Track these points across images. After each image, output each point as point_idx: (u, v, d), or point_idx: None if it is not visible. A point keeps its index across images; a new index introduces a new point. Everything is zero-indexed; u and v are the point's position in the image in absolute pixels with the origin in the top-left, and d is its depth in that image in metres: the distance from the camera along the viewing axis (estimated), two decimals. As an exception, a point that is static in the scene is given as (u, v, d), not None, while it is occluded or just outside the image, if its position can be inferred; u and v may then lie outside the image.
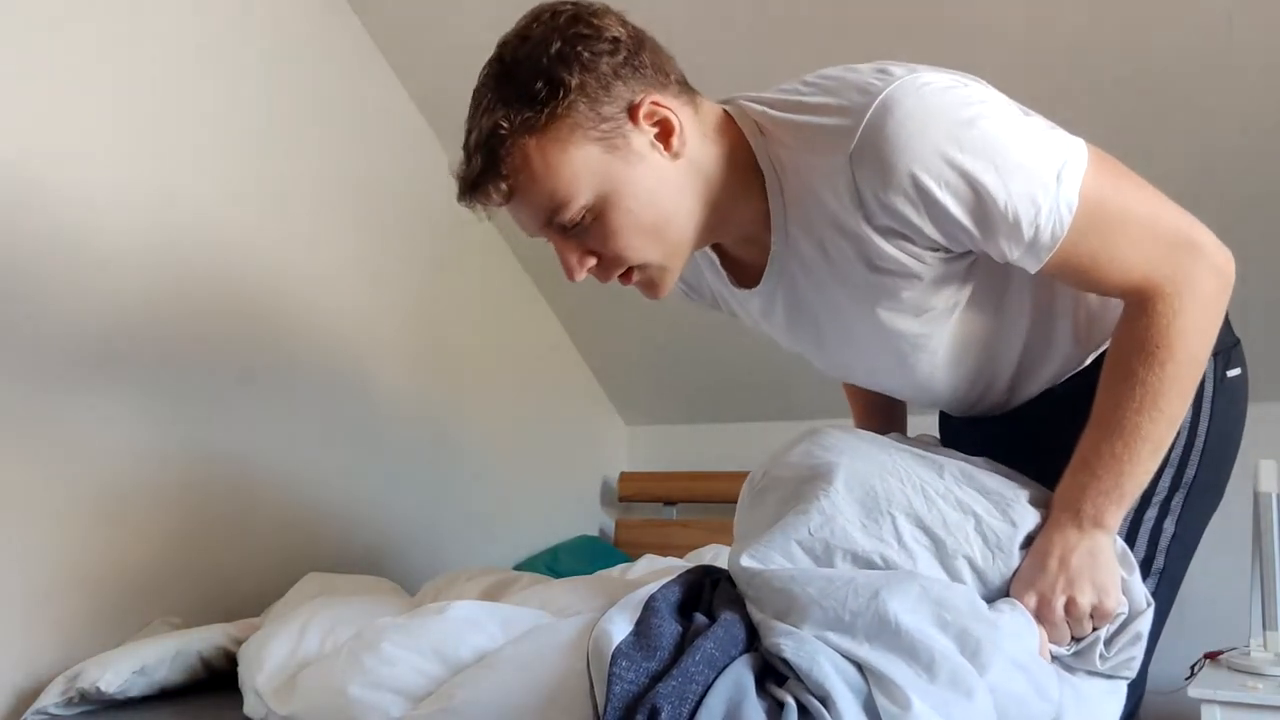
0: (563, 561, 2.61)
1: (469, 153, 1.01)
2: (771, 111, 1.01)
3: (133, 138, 1.85)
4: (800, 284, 1.08)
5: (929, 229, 0.96)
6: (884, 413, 1.45)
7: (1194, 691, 1.81)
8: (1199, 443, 1.09)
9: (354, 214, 2.32)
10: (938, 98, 0.92)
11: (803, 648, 0.92)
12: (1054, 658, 1.01)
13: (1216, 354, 1.05)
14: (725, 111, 1.05)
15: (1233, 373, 1.12)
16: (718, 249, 1.16)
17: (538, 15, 0.99)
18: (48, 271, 1.69)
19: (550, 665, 1.04)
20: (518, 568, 2.50)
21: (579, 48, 0.95)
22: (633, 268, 1.04)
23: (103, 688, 1.46)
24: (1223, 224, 1.03)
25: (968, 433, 1.27)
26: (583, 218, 0.99)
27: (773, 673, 0.96)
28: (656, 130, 0.98)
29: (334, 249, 2.26)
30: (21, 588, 1.61)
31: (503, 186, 0.98)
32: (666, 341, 2.90)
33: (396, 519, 2.36)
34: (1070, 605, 0.99)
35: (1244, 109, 1.86)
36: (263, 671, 1.35)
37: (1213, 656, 2.02)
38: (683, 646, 0.98)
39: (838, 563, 1.00)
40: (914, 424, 1.45)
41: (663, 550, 2.14)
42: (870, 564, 1.00)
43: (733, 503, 3.00)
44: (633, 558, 2.12)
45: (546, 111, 0.94)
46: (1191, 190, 1.21)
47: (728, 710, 0.89)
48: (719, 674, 0.93)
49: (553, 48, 0.95)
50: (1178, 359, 0.96)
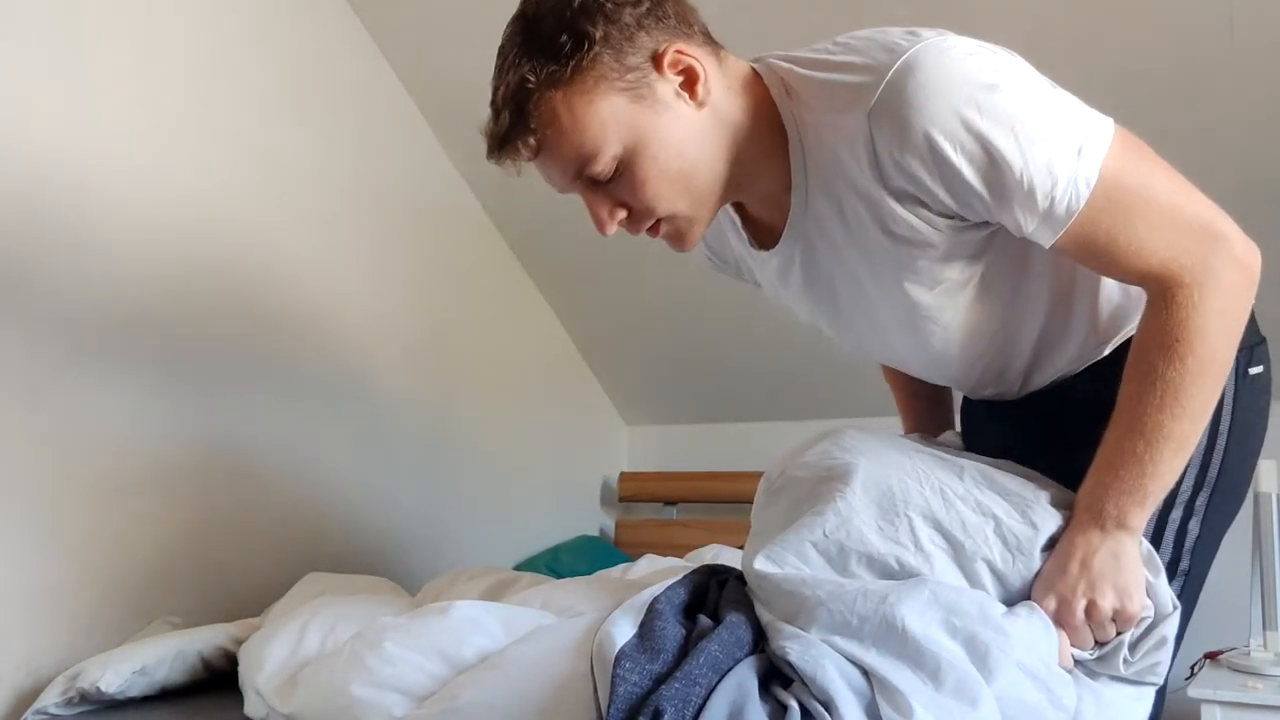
0: (563, 561, 2.61)
1: (496, 109, 0.99)
2: (799, 70, 1.01)
3: (141, 134, 1.85)
4: (817, 248, 1.08)
5: (942, 194, 0.94)
6: (928, 399, 1.42)
7: (1194, 691, 1.81)
8: (1221, 441, 1.06)
9: (354, 215, 2.32)
10: (962, 61, 0.91)
11: (808, 651, 0.92)
12: (1076, 662, 0.99)
13: (1239, 350, 1.02)
14: (753, 69, 1.04)
15: (1255, 369, 1.09)
16: (739, 209, 1.15)
17: None
18: (47, 272, 1.69)
19: (554, 667, 1.04)
20: (518, 568, 2.50)
21: None
22: (660, 219, 1.04)
23: (103, 688, 1.45)
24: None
25: (991, 425, 1.26)
26: (612, 169, 0.99)
27: (778, 674, 0.95)
28: (681, 79, 0.98)
29: (334, 250, 2.26)
30: (22, 587, 1.61)
31: (531, 141, 0.98)
32: (666, 341, 2.90)
33: (397, 519, 2.36)
34: (1091, 609, 0.97)
35: (1244, 108, 1.86)
36: (263, 671, 1.35)
37: (1213, 656, 2.02)
38: (686, 649, 0.98)
39: (852, 565, 0.99)
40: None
41: (663, 550, 2.14)
42: (885, 567, 0.99)
43: (733, 503, 3.03)
44: (633, 558, 2.11)
45: (572, 64, 0.94)
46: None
47: (730, 713, 0.89)
48: (723, 676, 0.93)
49: (576, 1, 0.95)
50: (1198, 354, 0.93)
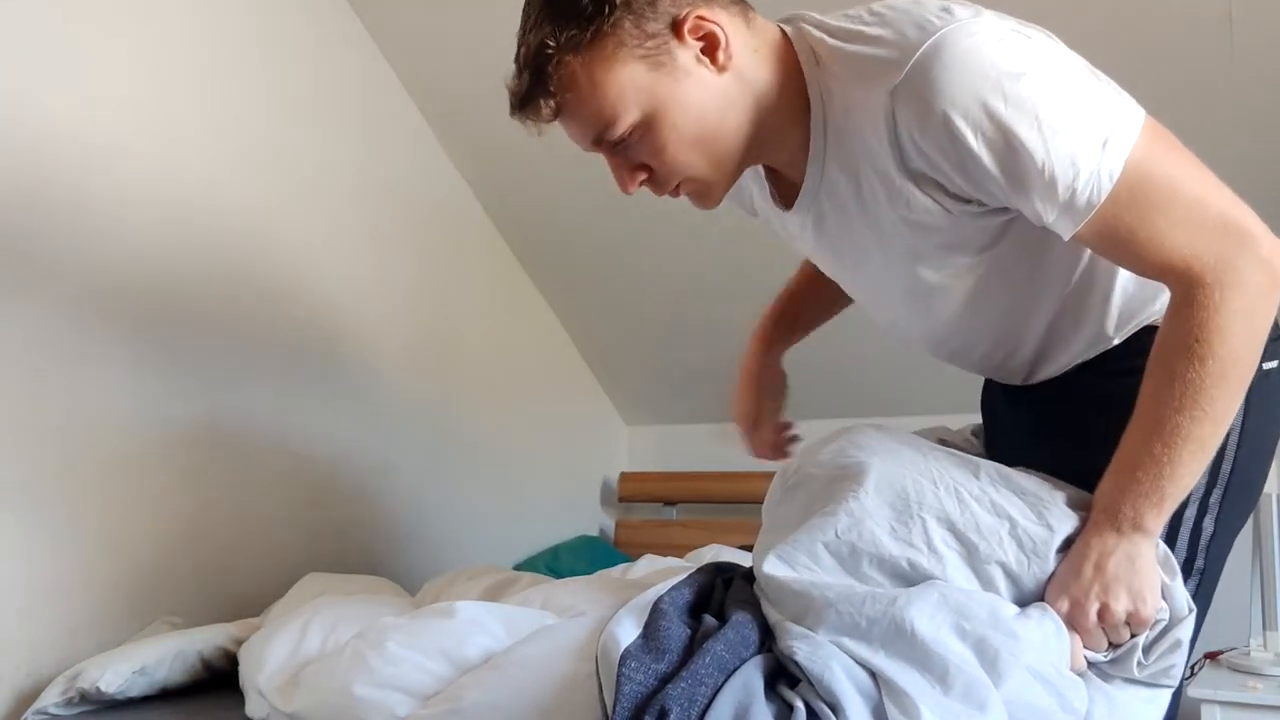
0: (563, 561, 2.60)
1: (519, 68, 1.00)
2: (830, 40, 1.00)
3: (146, 126, 1.86)
4: (828, 219, 1.07)
5: (958, 178, 0.94)
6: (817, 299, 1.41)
7: (1194, 691, 1.81)
8: (1234, 437, 1.04)
9: (354, 216, 2.32)
10: (992, 45, 0.89)
11: (817, 653, 0.92)
12: (1090, 664, 0.98)
13: None
14: (784, 34, 1.04)
15: (1269, 365, 1.07)
16: (764, 166, 1.14)
17: None
18: (49, 271, 1.69)
19: (558, 667, 1.04)
20: (518, 568, 2.49)
21: None
22: (682, 181, 1.04)
23: (103, 688, 1.45)
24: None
25: (1007, 412, 1.25)
26: (631, 134, 0.99)
27: (784, 673, 0.95)
28: (702, 45, 0.98)
29: (334, 251, 2.26)
30: (23, 587, 1.61)
31: (551, 104, 0.99)
32: (666, 342, 2.90)
33: (397, 519, 2.36)
34: (1104, 612, 0.96)
35: (1244, 108, 1.86)
36: (265, 670, 1.35)
37: (1213, 656, 2.02)
38: (691, 649, 0.98)
39: (864, 567, 0.99)
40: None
41: (663, 550, 2.14)
42: (897, 568, 0.98)
43: (733, 503, 3.02)
44: (633, 558, 2.11)
45: (592, 29, 0.95)
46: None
47: (736, 713, 0.88)
48: (729, 676, 0.92)
49: None
50: (1218, 355, 0.91)
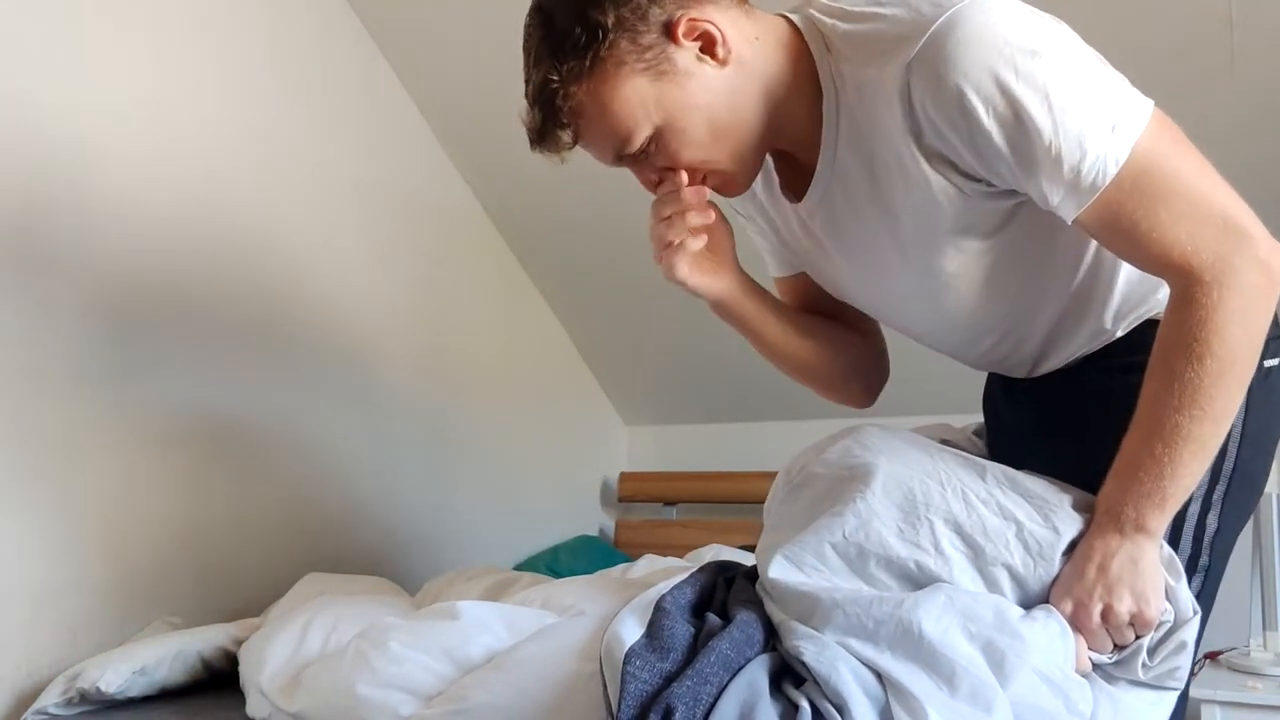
0: (563, 561, 2.60)
1: (530, 104, 1.03)
2: (841, 25, 1.01)
3: (152, 128, 1.87)
4: (838, 205, 1.08)
5: (968, 154, 0.94)
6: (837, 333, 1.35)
7: (1194, 691, 1.80)
8: (1236, 434, 1.04)
9: (354, 216, 2.32)
10: (1007, 22, 0.90)
11: (823, 653, 0.92)
12: (1095, 666, 0.98)
13: None
14: (792, 24, 1.05)
15: (1271, 363, 1.07)
16: (774, 155, 1.15)
17: None
18: (51, 270, 1.69)
19: (563, 667, 1.04)
20: (518, 568, 2.49)
21: None
22: (705, 175, 1.06)
23: (103, 688, 1.45)
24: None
25: (1008, 410, 1.26)
26: (648, 145, 1.01)
27: (789, 672, 0.95)
28: (699, 44, 0.99)
29: (334, 251, 2.26)
30: (23, 587, 1.61)
31: (568, 134, 1.02)
32: (666, 341, 2.89)
33: (396, 519, 2.36)
34: (1107, 613, 0.96)
35: (1243, 108, 1.86)
36: (266, 670, 1.35)
37: (1213, 656, 2.02)
38: (695, 647, 0.98)
39: (871, 568, 0.99)
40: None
41: (663, 550, 2.14)
42: (904, 570, 0.98)
43: (733, 503, 3.02)
44: (633, 558, 2.11)
45: (590, 56, 0.97)
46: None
47: (741, 712, 0.88)
48: (733, 675, 0.92)
49: None
50: (1216, 354, 0.91)
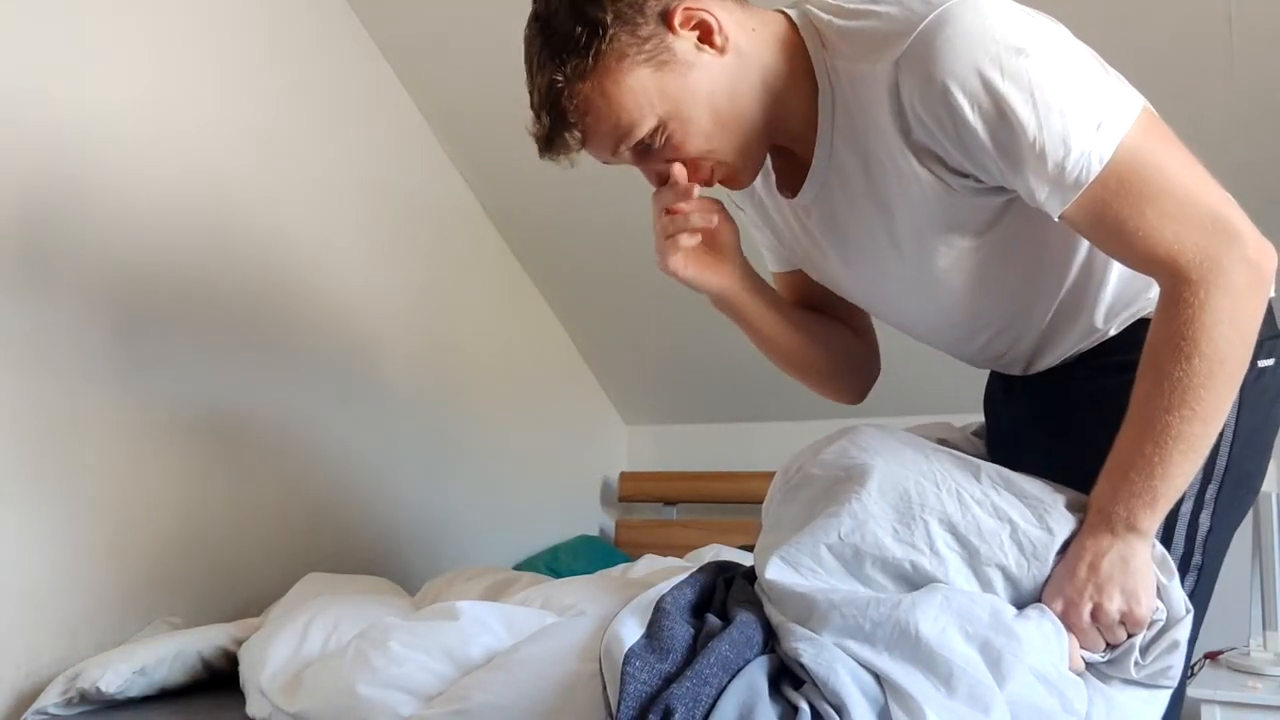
0: (563, 561, 2.60)
1: (536, 112, 1.04)
2: (836, 21, 1.02)
3: (153, 127, 1.87)
4: (836, 199, 1.09)
5: (955, 151, 0.95)
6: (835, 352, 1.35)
7: (1194, 691, 1.81)
8: (1229, 433, 1.05)
9: (354, 216, 2.32)
10: (996, 21, 0.91)
11: (821, 655, 0.92)
12: (1088, 665, 0.99)
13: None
14: (788, 19, 1.06)
15: (1265, 363, 1.08)
16: (772, 150, 1.15)
17: None
18: (47, 272, 1.69)
19: (563, 667, 1.04)
20: (518, 568, 2.49)
21: None
22: (712, 167, 1.07)
23: (103, 688, 1.45)
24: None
25: (1008, 408, 1.26)
26: (651, 137, 1.02)
27: (788, 674, 0.95)
28: (697, 34, 1.00)
29: (333, 252, 2.26)
30: (22, 587, 1.61)
31: (575, 134, 1.03)
32: (666, 341, 2.90)
33: (396, 519, 2.36)
34: (1097, 612, 0.96)
35: (1242, 107, 1.86)
36: (266, 670, 1.35)
37: (1213, 656, 2.02)
38: (695, 648, 0.98)
39: (867, 569, 0.99)
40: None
41: (663, 550, 2.14)
42: (900, 571, 0.99)
43: (733, 503, 3.02)
44: (633, 558, 2.12)
45: (592, 51, 0.98)
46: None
47: (741, 713, 0.89)
48: (733, 676, 0.93)
49: None
50: (1205, 354, 0.92)
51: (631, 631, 1.01)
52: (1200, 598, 1.08)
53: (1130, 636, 0.98)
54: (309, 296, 2.19)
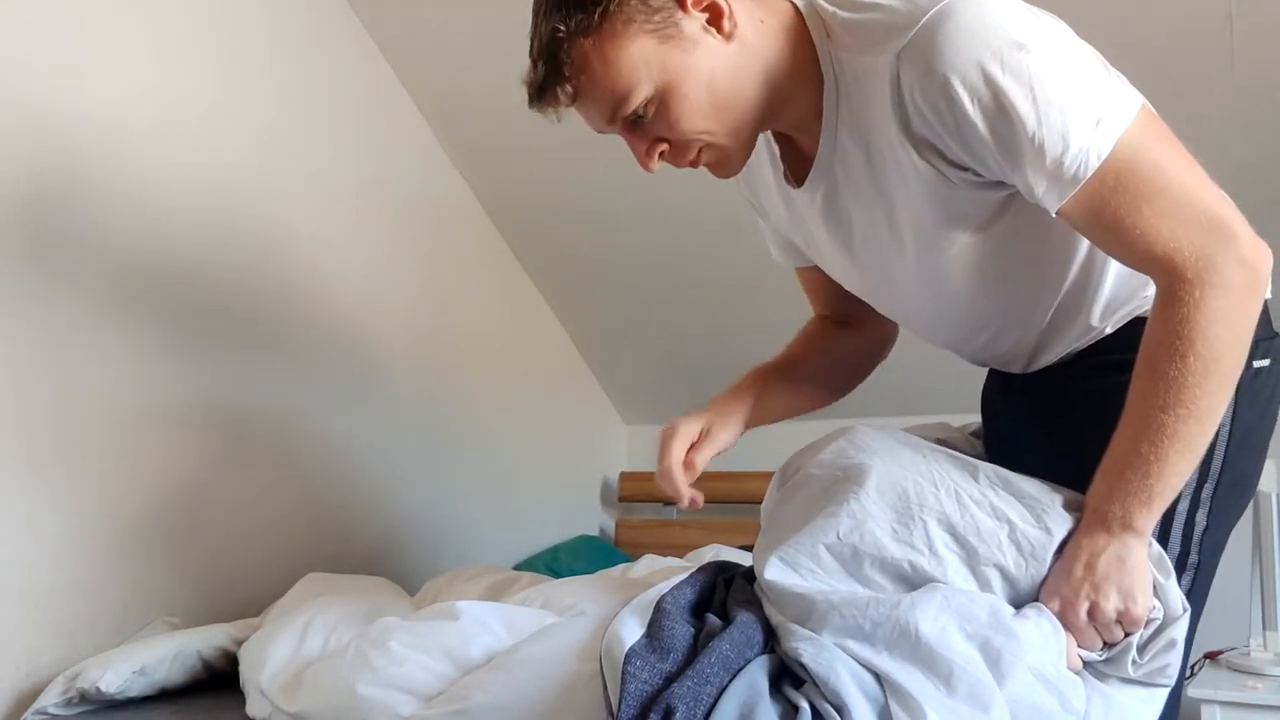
0: (563, 561, 2.61)
1: (533, 60, 1.04)
2: (841, 13, 1.03)
3: (153, 125, 1.87)
4: (840, 191, 1.09)
5: (954, 144, 0.96)
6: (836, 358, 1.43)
7: (1194, 691, 1.81)
8: (1224, 432, 1.05)
9: (352, 215, 2.32)
10: (999, 16, 0.92)
11: (821, 655, 0.92)
12: (1086, 664, 0.99)
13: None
14: (795, 9, 1.06)
15: (1261, 363, 1.08)
16: (780, 145, 1.16)
17: None
18: (47, 270, 1.69)
19: (563, 667, 1.04)
20: (518, 568, 2.50)
21: None
22: (701, 150, 1.07)
23: (103, 688, 1.45)
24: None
25: (1007, 410, 1.26)
26: (645, 108, 1.02)
27: (788, 674, 0.95)
28: (707, 15, 1.00)
29: (332, 250, 2.26)
30: (22, 587, 1.61)
31: (568, 89, 1.02)
32: (667, 342, 2.90)
33: (396, 519, 2.36)
34: (1094, 610, 0.96)
35: (1242, 107, 1.86)
36: (266, 670, 1.35)
37: (1213, 656, 2.02)
38: (696, 648, 0.98)
39: (866, 569, 0.99)
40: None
41: (663, 550, 2.15)
42: (899, 570, 0.99)
43: (732, 503, 3.03)
44: (633, 558, 2.12)
45: (599, 11, 0.98)
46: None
47: (741, 713, 0.89)
48: (734, 676, 0.93)
49: None
50: (1199, 353, 0.92)
51: (632, 631, 1.01)
52: (1197, 597, 1.08)
53: (1128, 635, 0.98)
54: (309, 296, 2.18)
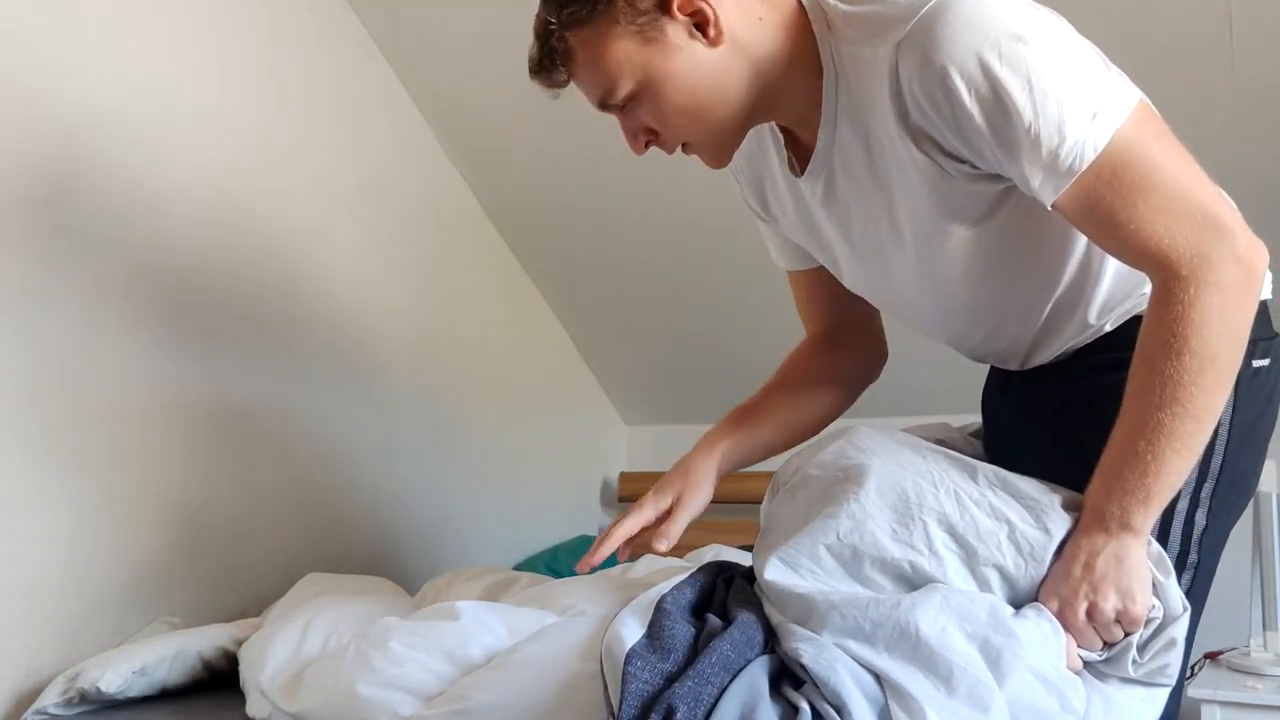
0: (563, 561, 2.60)
1: (534, 37, 1.08)
2: (843, 6, 1.04)
3: (153, 124, 1.87)
4: (839, 183, 1.10)
5: (951, 135, 0.96)
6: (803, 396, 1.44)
7: (1194, 691, 1.81)
8: (1223, 431, 1.05)
9: (351, 215, 2.31)
10: (998, 8, 0.93)
11: (821, 655, 0.92)
12: (1086, 664, 0.99)
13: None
14: (799, 2, 1.07)
15: (1260, 363, 1.08)
16: (784, 131, 1.17)
17: None
18: (47, 268, 1.69)
19: (563, 667, 1.04)
20: (518, 568, 2.50)
21: None
22: (685, 142, 1.10)
23: (103, 688, 1.45)
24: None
25: (1005, 410, 1.27)
26: (629, 101, 1.06)
27: (789, 675, 0.95)
28: (692, 20, 1.02)
29: (331, 251, 2.26)
30: (22, 587, 1.61)
31: (559, 74, 1.07)
32: (667, 342, 2.90)
33: (396, 519, 2.36)
34: (1092, 610, 0.96)
35: (1242, 107, 1.86)
36: (266, 670, 1.34)
37: (1213, 656, 2.02)
38: (696, 648, 0.98)
39: (866, 569, 0.99)
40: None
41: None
42: (899, 571, 0.99)
43: (732, 503, 3.03)
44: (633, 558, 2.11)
45: (588, 7, 1.01)
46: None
47: (742, 713, 0.89)
48: (734, 676, 0.93)
49: None
50: (1194, 350, 0.92)
51: (632, 631, 1.01)
52: (1197, 596, 1.08)
53: (1127, 635, 0.98)
54: (308, 297, 2.18)
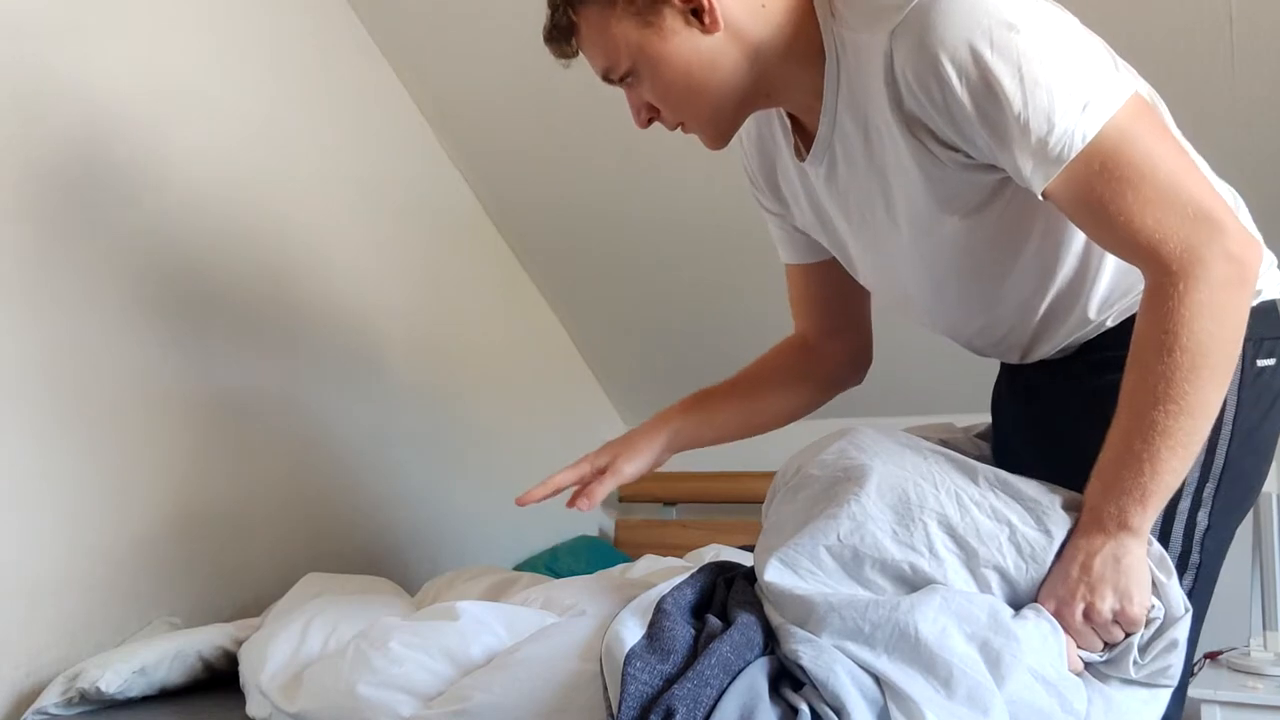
0: (562, 561, 2.61)
1: (548, 8, 1.12)
2: None
3: (153, 122, 1.87)
4: (839, 169, 1.11)
5: (944, 123, 0.96)
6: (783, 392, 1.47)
7: (1194, 691, 1.81)
8: (1225, 431, 1.05)
9: (351, 215, 2.31)
10: None
11: (820, 657, 0.92)
12: (1086, 665, 0.98)
13: (1248, 341, 0.97)
14: None
15: (1265, 362, 1.07)
16: (790, 116, 1.18)
17: None
18: (48, 267, 1.69)
19: (563, 667, 1.04)
20: (518, 568, 2.50)
21: None
22: (682, 123, 1.13)
23: (103, 688, 1.45)
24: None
25: (1011, 408, 1.27)
26: (628, 78, 1.09)
27: (788, 676, 0.95)
28: (690, 7, 1.04)
29: (332, 250, 2.26)
30: (22, 587, 1.61)
31: (567, 47, 1.12)
32: (667, 341, 2.90)
33: (397, 519, 2.36)
34: (1090, 611, 0.96)
35: (1242, 107, 1.86)
36: (266, 670, 1.35)
37: (1213, 656, 2.02)
38: (696, 649, 0.98)
39: (867, 571, 0.99)
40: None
41: (663, 550, 2.14)
42: (899, 572, 0.99)
43: (732, 503, 3.02)
44: (633, 558, 2.12)
45: None
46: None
47: (741, 714, 0.89)
48: (733, 678, 0.93)
49: None
50: (1185, 347, 0.90)
51: (632, 632, 1.01)
52: (1199, 597, 1.07)
53: (1127, 636, 0.98)
54: (308, 296, 2.18)
